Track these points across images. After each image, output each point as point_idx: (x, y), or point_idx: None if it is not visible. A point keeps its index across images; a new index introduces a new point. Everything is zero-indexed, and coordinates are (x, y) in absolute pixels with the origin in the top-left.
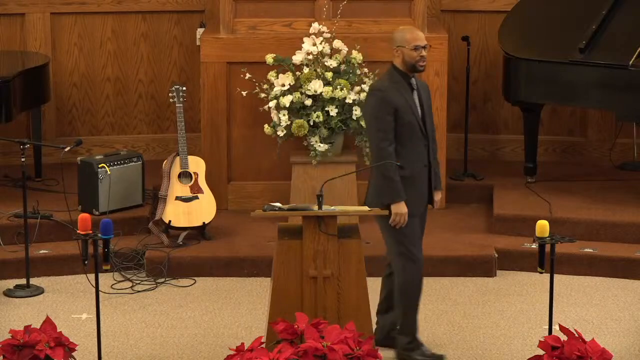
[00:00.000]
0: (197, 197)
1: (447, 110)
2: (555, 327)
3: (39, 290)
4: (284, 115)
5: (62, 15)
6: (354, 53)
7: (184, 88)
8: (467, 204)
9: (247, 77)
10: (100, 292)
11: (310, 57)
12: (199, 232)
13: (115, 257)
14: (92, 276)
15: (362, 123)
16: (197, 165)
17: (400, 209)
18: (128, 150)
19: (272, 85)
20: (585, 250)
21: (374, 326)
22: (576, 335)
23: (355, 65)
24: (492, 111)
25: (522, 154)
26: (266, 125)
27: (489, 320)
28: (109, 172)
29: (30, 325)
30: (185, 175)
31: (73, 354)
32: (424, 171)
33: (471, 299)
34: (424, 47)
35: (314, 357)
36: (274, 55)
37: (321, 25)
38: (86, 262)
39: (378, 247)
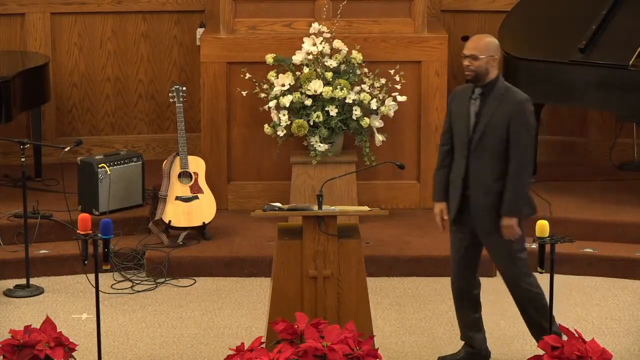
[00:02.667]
0: (197, 197)
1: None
2: None
3: (39, 290)
4: (284, 115)
5: (62, 15)
6: (354, 53)
7: (184, 88)
8: None
9: (247, 77)
10: (100, 292)
11: (310, 57)
12: (199, 232)
13: (115, 257)
14: (92, 276)
15: (362, 123)
16: (197, 165)
17: (434, 208)
18: (128, 150)
19: (272, 85)
20: (585, 250)
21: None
22: (576, 335)
23: (355, 65)
24: None
25: None
26: (266, 125)
27: (489, 320)
28: (109, 172)
29: (30, 325)
30: (185, 175)
31: (73, 354)
32: (458, 185)
33: None
34: (466, 57)
35: (314, 357)
36: (274, 55)
37: (321, 25)
38: (86, 262)
39: (378, 247)
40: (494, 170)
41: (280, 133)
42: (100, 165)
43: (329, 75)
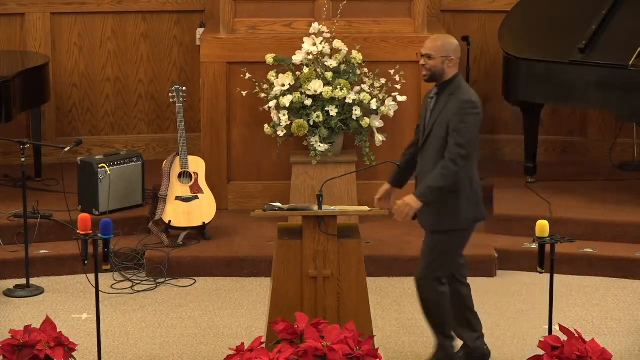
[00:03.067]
0: (197, 197)
1: None
2: (555, 327)
3: (39, 290)
4: (284, 115)
5: (62, 15)
6: (354, 53)
7: (184, 88)
8: None
9: (247, 77)
10: (100, 292)
11: (310, 57)
12: (199, 232)
13: (115, 257)
14: (92, 276)
15: (362, 123)
16: (197, 165)
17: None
18: (128, 150)
19: (272, 85)
20: (585, 250)
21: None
22: (576, 335)
23: (355, 65)
24: (492, 111)
25: (522, 154)
26: (266, 125)
27: (489, 320)
28: (109, 172)
29: (30, 325)
30: (185, 175)
31: (73, 354)
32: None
33: None
34: (422, 56)
35: (314, 357)
36: (274, 55)
37: (321, 25)
38: (86, 262)
39: (378, 247)
40: (428, 164)
41: (280, 133)
42: (100, 165)
43: (329, 75)
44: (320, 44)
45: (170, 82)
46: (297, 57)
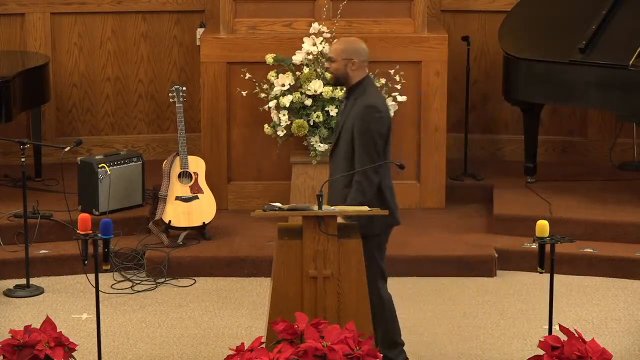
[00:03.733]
0: (197, 197)
1: (447, 110)
2: (555, 327)
3: (39, 290)
4: (284, 115)
5: (62, 15)
6: None
7: (184, 88)
8: (467, 204)
9: (247, 77)
10: (100, 292)
11: (310, 57)
12: (199, 232)
13: (115, 257)
14: (92, 276)
15: None
16: (197, 165)
17: None
18: (128, 150)
19: (272, 85)
20: (585, 250)
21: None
22: (576, 335)
23: None
24: (492, 111)
25: (522, 154)
26: (266, 125)
27: (489, 320)
28: (109, 172)
29: (30, 325)
30: (185, 175)
31: (73, 354)
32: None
33: (471, 299)
34: (327, 59)
35: (314, 357)
36: (274, 55)
37: (321, 25)
38: (86, 262)
39: None
40: (345, 176)
41: (280, 133)
42: (100, 165)
43: (329, 75)
44: (320, 44)
45: (170, 82)
46: (297, 57)
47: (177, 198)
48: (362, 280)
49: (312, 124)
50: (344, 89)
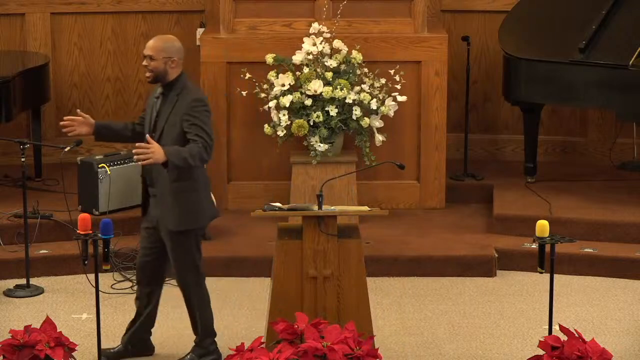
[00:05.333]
0: None
1: (447, 110)
2: (555, 327)
3: (39, 290)
4: (284, 115)
5: (62, 15)
6: (354, 53)
7: None
8: (467, 204)
9: (247, 77)
10: (100, 292)
11: (310, 57)
12: None
13: (115, 257)
14: (92, 276)
15: (362, 123)
16: None
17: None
18: (128, 150)
19: (272, 85)
20: (585, 250)
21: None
22: (576, 335)
23: (355, 65)
24: (492, 111)
25: (522, 154)
26: (266, 125)
27: (489, 320)
28: (109, 172)
29: (30, 325)
30: None
31: (73, 354)
32: (141, 182)
33: (471, 299)
34: (145, 57)
35: (314, 357)
36: (274, 55)
37: (321, 25)
38: (86, 262)
39: (378, 247)
40: (173, 170)
41: (280, 133)
42: (100, 165)
43: (329, 75)
44: (320, 44)
45: None
46: (297, 57)
47: None
48: (362, 280)
49: (312, 124)
50: (346, 89)
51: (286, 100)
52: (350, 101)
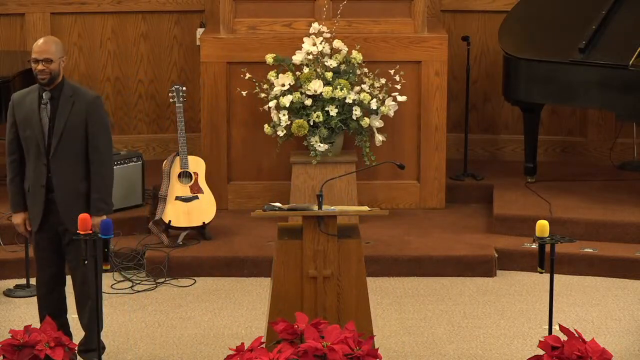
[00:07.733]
0: (197, 197)
1: (447, 110)
2: (555, 327)
3: None
4: (284, 115)
5: (62, 15)
6: (354, 53)
7: (184, 88)
8: (467, 204)
9: (247, 77)
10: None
11: (310, 57)
12: (199, 232)
13: (115, 257)
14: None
15: (362, 123)
16: (197, 165)
17: (15, 219)
18: (128, 150)
19: (272, 85)
20: (585, 250)
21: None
22: (576, 335)
23: (355, 65)
24: (492, 111)
25: (522, 154)
26: (266, 125)
27: (489, 320)
28: None
29: (30, 325)
30: (185, 175)
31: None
32: (41, 191)
33: (471, 299)
34: (39, 61)
35: (314, 357)
36: (274, 55)
37: (321, 25)
38: (86, 262)
39: (378, 247)
40: (79, 172)
41: (280, 133)
42: None
43: (329, 75)
44: (320, 44)
45: (170, 82)
46: (297, 57)
47: (177, 198)
48: (362, 280)
49: (312, 124)
50: (346, 89)
51: (286, 100)
52: (350, 101)
